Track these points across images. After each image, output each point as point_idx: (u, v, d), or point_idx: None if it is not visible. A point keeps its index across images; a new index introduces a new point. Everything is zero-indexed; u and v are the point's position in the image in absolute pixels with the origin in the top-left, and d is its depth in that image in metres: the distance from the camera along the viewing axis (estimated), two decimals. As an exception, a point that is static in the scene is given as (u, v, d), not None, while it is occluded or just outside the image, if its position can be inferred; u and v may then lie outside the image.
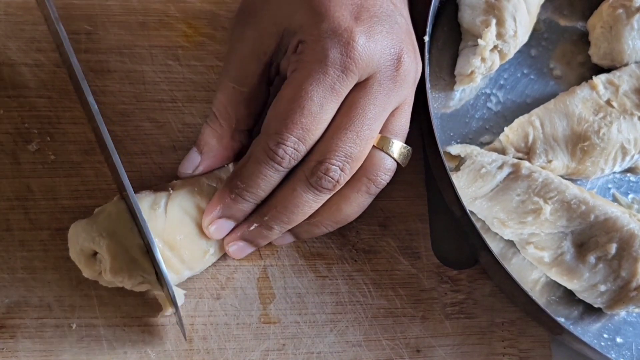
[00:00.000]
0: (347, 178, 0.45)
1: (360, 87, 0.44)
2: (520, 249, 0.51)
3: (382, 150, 0.46)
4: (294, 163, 0.45)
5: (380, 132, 0.46)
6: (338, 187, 0.45)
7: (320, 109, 0.43)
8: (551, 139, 0.53)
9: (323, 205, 0.47)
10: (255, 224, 0.47)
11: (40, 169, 0.49)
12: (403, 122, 0.48)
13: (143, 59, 0.52)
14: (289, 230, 0.48)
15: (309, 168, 0.44)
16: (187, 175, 0.48)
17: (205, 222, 0.46)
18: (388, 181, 0.48)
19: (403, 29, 0.46)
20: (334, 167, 0.44)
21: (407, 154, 0.48)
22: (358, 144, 0.44)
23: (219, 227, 0.46)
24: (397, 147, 0.47)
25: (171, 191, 0.46)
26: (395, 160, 0.47)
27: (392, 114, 0.47)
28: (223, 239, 0.47)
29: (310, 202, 0.45)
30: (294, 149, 0.44)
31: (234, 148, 0.48)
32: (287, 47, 0.45)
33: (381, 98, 0.45)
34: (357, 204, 0.48)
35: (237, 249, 0.47)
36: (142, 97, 0.52)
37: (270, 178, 0.45)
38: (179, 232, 0.46)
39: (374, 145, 0.46)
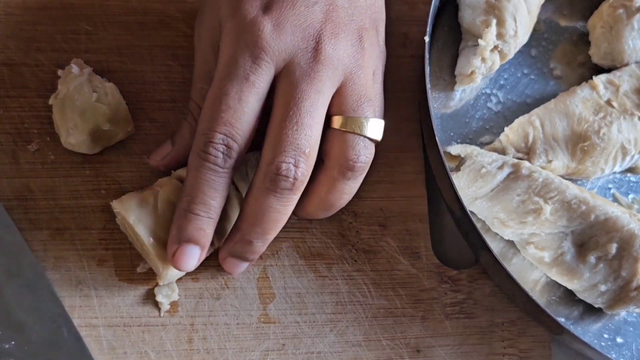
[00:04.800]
0: (307, 171, 0.43)
1: (283, 75, 0.44)
2: (521, 249, 0.51)
3: (346, 131, 0.44)
4: (231, 162, 0.43)
5: (335, 114, 0.45)
6: (300, 184, 0.43)
7: (239, 102, 0.42)
8: (551, 139, 0.53)
9: (307, 198, 0.46)
10: (236, 240, 0.45)
11: (40, 169, 0.49)
12: (354, 96, 0.45)
13: (143, 59, 0.52)
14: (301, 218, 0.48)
15: (262, 173, 0.43)
16: (156, 162, 0.48)
17: (168, 253, 0.44)
18: (365, 160, 0.45)
19: (323, 9, 0.45)
20: (284, 164, 0.42)
21: (379, 127, 0.46)
22: (302, 134, 0.42)
23: (182, 254, 0.43)
24: (358, 123, 0.45)
25: (158, 188, 0.46)
26: (364, 136, 0.45)
27: (337, 92, 0.45)
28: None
29: (276, 207, 0.43)
30: (224, 145, 0.42)
31: None
32: None
33: (309, 81, 0.43)
34: (339, 191, 0.46)
35: (230, 265, 0.47)
36: (142, 97, 0.52)
37: (213, 182, 0.43)
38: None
39: (334, 129, 0.45)
